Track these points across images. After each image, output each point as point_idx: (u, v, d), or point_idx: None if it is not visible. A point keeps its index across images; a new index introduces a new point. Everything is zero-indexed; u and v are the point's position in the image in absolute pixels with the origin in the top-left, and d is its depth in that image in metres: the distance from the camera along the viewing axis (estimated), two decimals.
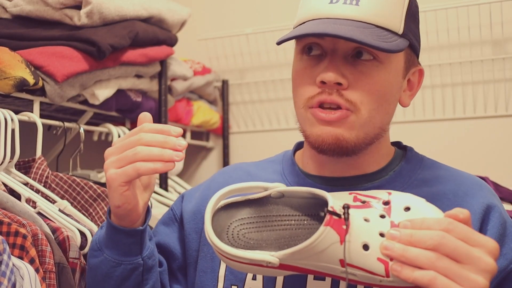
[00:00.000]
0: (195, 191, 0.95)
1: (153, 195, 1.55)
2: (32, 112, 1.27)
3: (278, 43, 0.80)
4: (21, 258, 0.92)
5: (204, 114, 1.96)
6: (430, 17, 1.78)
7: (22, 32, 1.31)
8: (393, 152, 0.87)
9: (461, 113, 1.80)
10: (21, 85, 1.18)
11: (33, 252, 0.92)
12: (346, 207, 0.61)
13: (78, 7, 1.36)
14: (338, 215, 0.60)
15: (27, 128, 1.27)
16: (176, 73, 1.72)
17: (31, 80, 1.20)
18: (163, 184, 1.67)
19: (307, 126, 0.80)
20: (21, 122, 1.21)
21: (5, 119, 1.15)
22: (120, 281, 0.78)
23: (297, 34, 0.76)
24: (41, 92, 1.27)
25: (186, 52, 2.05)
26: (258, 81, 2.07)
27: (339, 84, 0.76)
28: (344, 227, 0.60)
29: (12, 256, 0.87)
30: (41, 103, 1.31)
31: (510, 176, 1.66)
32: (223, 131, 2.09)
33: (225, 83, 2.09)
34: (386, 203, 0.64)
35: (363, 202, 0.64)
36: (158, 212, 1.51)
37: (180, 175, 1.96)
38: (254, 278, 0.81)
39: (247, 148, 2.10)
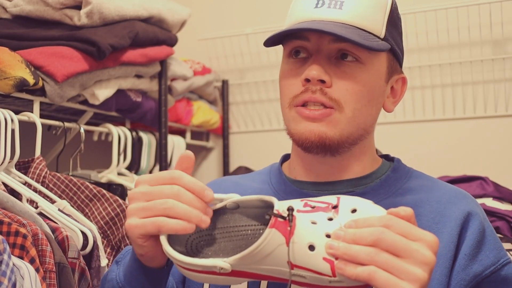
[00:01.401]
0: None
1: None
2: (32, 112, 1.27)
3: (265, 44, 0.84)
4: (21, 257, 0.92)
5: (204, 114, 1.96)
6: (430, 17, 1.79)
7: (22, 32, 1.31)
8: (380, 162, 0.89)
9: (461, 113, 1.80)
10: (21, 85, 1.18)
11: (33, 251, 0.93)
12: (291, 209, 0.63)
13: (78, 7, 1.36)
14: (283, 217, 0.62)
15: (27, 128, 1.27)
16: (176, 73, 1.72)
17: (31, 80, 1.20)
18: None
19: (292, 125, 0.83)
20: (21, 122, 1.21)
21: (5, 119, 1.16)
22: None
23: (282, 32, 0.80)
24: (41, 92, 1.27)
25: (186, 52, 2.05)
26: (258, 81, 2.07)
27: (323, 82, 0.79)
28: (289, 228, 0.62)
29: (12, 256, 0.87)
30: (41, 103, 1.31)
31: (510, 176, 1.66)
32: (223, 131, 2.09)
33: (225, 83, 2.09)
34: (335, 206, 0.65)
35: (313, 207, 0.65)
36: None
37: None
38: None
39: (247, 148, 2.10)
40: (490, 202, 1.45)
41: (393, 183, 0.85)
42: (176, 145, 1.82)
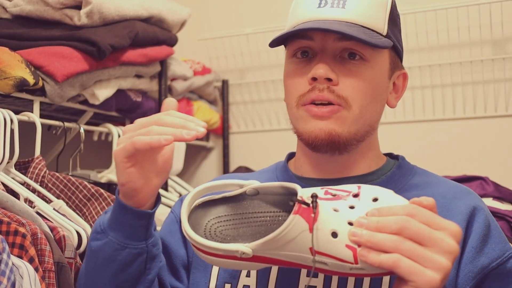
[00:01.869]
0: None
1: None
2: (32, 112, 1.27)
3: (271, 45, 0.85)
4: (20, 257, 0.92)
5: (204, 114, 1.96)
6: (430, 17, 1.79)
7: (22, 32, 1.32)
8: (385, 160, 0.91)
9: (461, 113, 1.79)
10: (21, 85, 1.18)
11: (32, 251, 0.93)
12: (315, 196, 0.64)
13: (78, 7, 1.36)
14: (307, 204, 0.63)
15: (27, 128, 1.27)
16: (176, 73, 1.72)
17: (31, 80, 1.20)
18: (163, 184, 1.67)
19: (300, 124, 0.83)
20: (21, 122, 1.21)
21: (5, 119, 1.16)
22: (123, 266, 0.76)
23: (290, 32, 0.81)
24: (41, 92, 1.27)
25: (186, 52, 2.05)
26: (258, 81, 2.07)
27: (329, 80, 0.80)
28: (313, 215, 0.62)
29: (11, 255, 0.87)
30: (41, 103, 1.31)
31: (510, 176, 1.66)
32: (223, 131, 2.09)
33: (225, 83, 2.09)
34: (356, 195, 0.66)
35: (334, 195, 0.66)
36: (158, 212, 1.50)
37: (180, 175, 1.96)
38: (248, 275, 0.82)
39: (247, 148, 2.10)
40: (490, 202, 1.45)
41: (398, 180, 0.86)
42: (176, 145, 1.81)
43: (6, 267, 0.81)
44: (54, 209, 1.13)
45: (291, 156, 0.96)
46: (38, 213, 1.09)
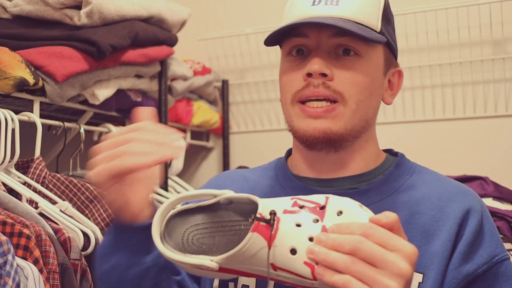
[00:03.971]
0: None
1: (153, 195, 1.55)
2: (32, 112, 1.27)
3: (266, 43, 0.85)
4: (25, 258, 0.92)
5: (204, 114, 1.96)
6: (430, 17, 1.78)
7: (22, 32, 1.31)
8: (384, 157, 0.89)
9: (461, 113, 1.80)
10: (21, 85, 1.18)
11: (37, 252, 0.92)
12: (273, 213, 0.63)
13: (78, 7, 1.36)
14: (266, 221, 0.63)
15: (27, 128, 1.27)
16: (176, 73, 1.72)
17: (31, 80, 1.20)
18: (163, 184, 1.67)
19: (295, 121, 0.83)
20: (21, 122, 1.21)
21: (5, 119, 1.15)
22: (137, 283, 0.74)
23: (283, 28, 0.81)
24: (41, 92, 1.27)
25: (186, 52, 2.04)
26: (258, 81, 2.07)
27: (324, 75, 0.80)
28: (272, 232, 0.62)
29: (16, 257, 0.87)
30: (41, 103, 1.31)
31: (510, 176, 1.66)
32: (223, 131, 2.09)
33: (225, 83, 2.09)
34: (322, 207, 0.65)
35: (301, 207, 0.65)
36: None
37: (180, 175, 1.96)
38: None
39: (247, 148, 2.10)
40: (490, 202, 1.45)
41: (395, 179, 0.85)
42: None
43: (11, 268, 0.81)
44: (60, 210, 1.13)
45: (290, 152, 0.95)
46: (41, 214, 1.09)
